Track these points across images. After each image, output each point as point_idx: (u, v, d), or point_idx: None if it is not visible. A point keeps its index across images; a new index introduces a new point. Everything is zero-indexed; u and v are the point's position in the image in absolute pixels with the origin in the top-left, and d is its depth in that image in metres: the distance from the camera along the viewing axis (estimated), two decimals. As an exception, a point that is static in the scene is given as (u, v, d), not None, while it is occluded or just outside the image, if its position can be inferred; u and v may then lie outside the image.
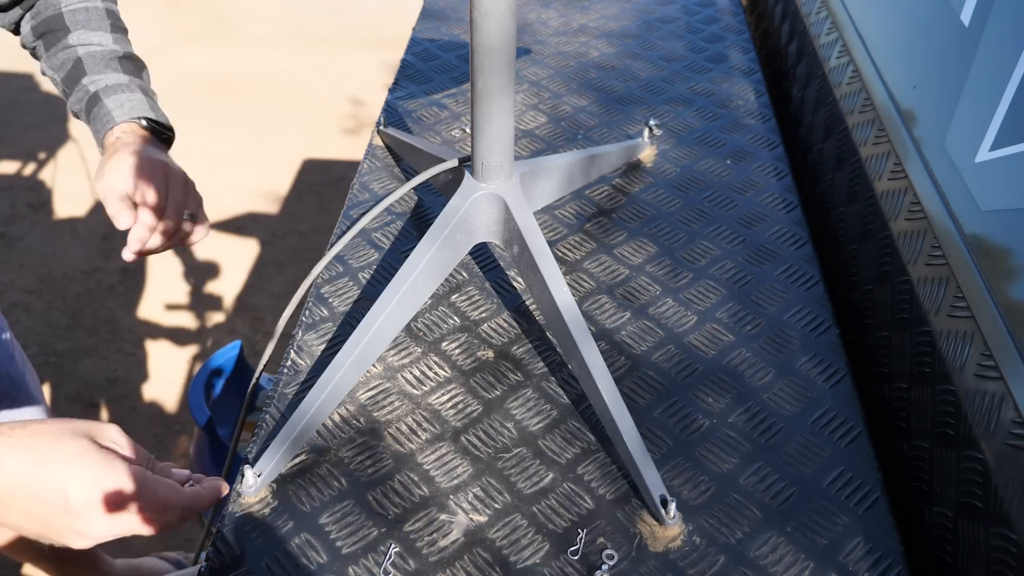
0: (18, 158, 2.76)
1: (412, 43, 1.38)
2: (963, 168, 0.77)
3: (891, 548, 0.68)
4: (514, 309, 0.90)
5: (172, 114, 0.95)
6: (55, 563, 1.31)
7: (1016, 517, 0.61)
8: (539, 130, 1.18)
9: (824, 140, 1.13)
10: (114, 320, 2.18)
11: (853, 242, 0.99)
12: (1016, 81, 0.69)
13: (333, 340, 0.85)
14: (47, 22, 0.93)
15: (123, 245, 0.83)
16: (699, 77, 1.30)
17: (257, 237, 2.47)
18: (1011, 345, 0.65)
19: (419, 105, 1.23)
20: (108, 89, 0.89)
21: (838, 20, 1.16)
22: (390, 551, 0.67)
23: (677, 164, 1.11)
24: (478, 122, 0.76)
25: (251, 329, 2.17)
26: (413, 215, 1.02)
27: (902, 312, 0.84)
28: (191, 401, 1.46)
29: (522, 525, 0.69)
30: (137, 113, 0.88)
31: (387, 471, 0.73)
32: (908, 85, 0.92)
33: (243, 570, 0.66)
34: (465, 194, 0.81)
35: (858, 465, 0.74)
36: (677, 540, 0.68)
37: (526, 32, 1.42)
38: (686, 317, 0.89)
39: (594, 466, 0.74)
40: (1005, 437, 0.64)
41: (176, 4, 3.68)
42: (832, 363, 0.84)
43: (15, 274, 2.31)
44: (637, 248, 0.98)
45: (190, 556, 1.54)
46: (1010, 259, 0.68)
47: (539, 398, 0.80)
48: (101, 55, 0.91)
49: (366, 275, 0.93)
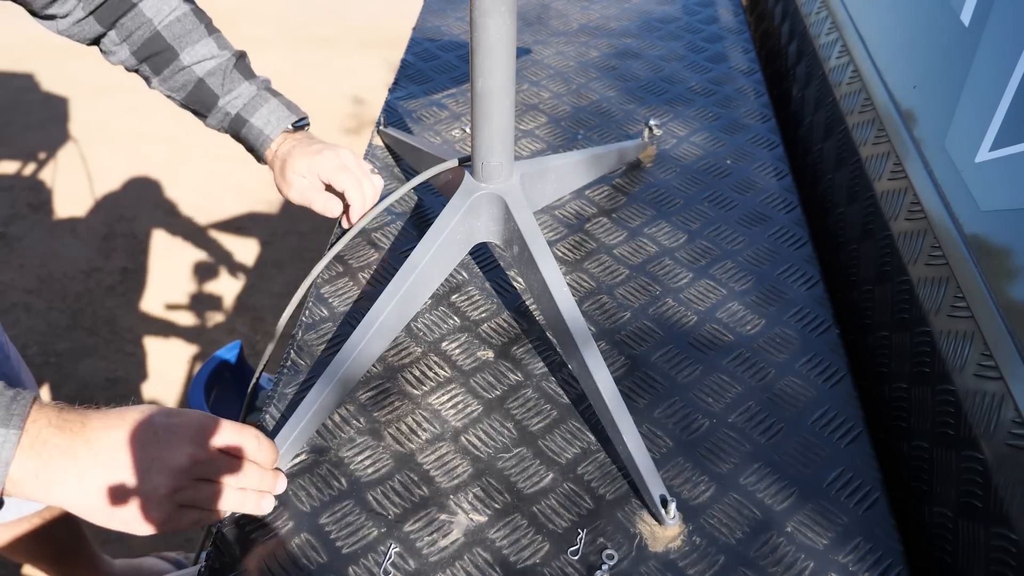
0: (18, 158, 2.76)
1: (412, 43, 1.38)
2: (963, 168, 0.77)
3: (891, 548, 0.68)
4: (514, 309, 0.90)
5: (172, 114, 0.95)
6: (55, 563, 1.31)
7: (1016, 517, 0.61)
8: (539, 130, 1.18)
9: (824, 140, 1.13)
10: (114, 320, 2.18)
11: (853, 242, 0.99)
12: (1016, 81, 0.69)
13: (333, 340, 0.85)
14: (147, 45, 0.93)
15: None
16: (699, 77, 1.30)
17: (257, 237, 2.47)
18: (1011, 345, 0.65)
19: (419, 105, 1.23)
20: (247, 108, 0.95)
21: (838, 20, 1.16)
22: (390, 551, 0.67)
23: (677, 164, 1.11)
24: (478, 122, 0.76)
25: (251, 329, 2.17)
26: (413, 215, 1.02)
27: (902, 312, 0.84)
28: (191, 401, 1.46)
29: (522, 525, 0.69)
30: (283, 124, 0.96)
31: (387, 471, 0.73)
32: (908, 85, 0.92)
33: (243, 570, 0.66)
34: (465, 194, 0.81)
35: (858, 465, 0.74)
36: (677, 540, 0.68)
37: (526, 32, 1.42)
38: (686, 317, 0.89)
39: (594, 466, 0.74)
40: (1005, 437, 0.64)
41: (176, 4, 3.67)
42: (832, 363, 0.84)
43: (15, 274, 2.31)
44: (637, 248, 0.98)
45: (190, 556, 1.54)
46: (1010, 259, 0.68)
47: (539, 398, 0.80)
48: (220, 70, 0.95)
49: (366, 275, 0.93)
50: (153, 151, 2.74)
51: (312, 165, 0.93)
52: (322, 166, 0.92)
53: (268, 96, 0.97)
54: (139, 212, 2.54)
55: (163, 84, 0.96)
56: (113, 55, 0.95)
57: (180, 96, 0.96)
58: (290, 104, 0.98)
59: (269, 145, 0.96)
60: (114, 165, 2.72)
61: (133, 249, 2.40)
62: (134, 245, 2.42)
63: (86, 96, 3.04)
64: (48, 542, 1.24)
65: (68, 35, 0.93)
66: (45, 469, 0.58)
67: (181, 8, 0.94)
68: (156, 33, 0.93)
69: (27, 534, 1.19)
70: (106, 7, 0.91)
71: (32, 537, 1.19)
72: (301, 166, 0.93)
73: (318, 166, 0.92)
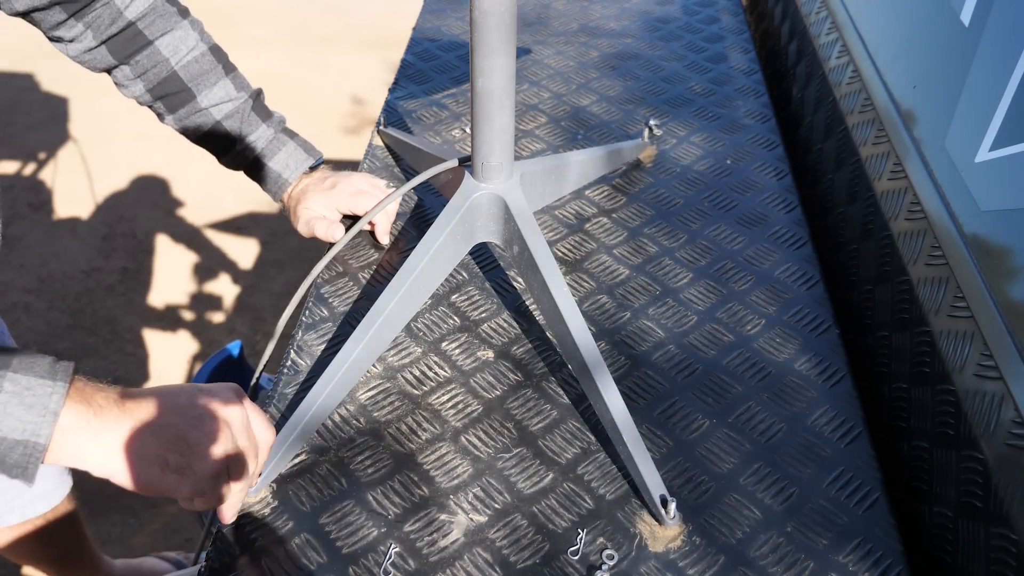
0: (18, 158, 2.76)
1: (412, 43, 1.38)
2: (963, 168, 0.77)
3: (891, 548, 0.68)
4: (514, 309, 0.90)
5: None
6: (55, 564, 1.31)
7: (1016, 517, 0.61)
8: (539, 130, 1.18)
9: (824, 140, 1.13)
10: (114, 320, 2.18)
11: (853, 242, 0.99)
12: (1016, 81, 0.69)
13: (333, 340, 0.85)
14: (163, 84, 0.92)
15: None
16: (699, 77, 1.30)
17: (257, 237, 2.47)
18: (1011, 345, 0.65)
19: (419, 105, 1.23)
20: (266, 152, 0.97)
21: (838, 20, 1.16)
22: (390, 551, 0.67)
23: (677, 164, 1.11)
24: (478, 122, 0.76)
25: (251, 329, 2.17)
26: (413, 215, 1.02)
27: (902, 312, 0.84)
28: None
29: (522, 525, 0.69)
30: (301, 168, 0.98)
31: (387, 471, 0.73)
32: (908, 85, 0.92)
33: (243, 570, 0.66)
34: (465, 194, 0.81)
35: (858, 465, 0.74)
36: (677, 540, 0.68)
37: (526, 32, 1.42)
38: (686, 317, 0.89)
39: (594, 466, 0.74)
40: (1005, 437, 0.64)
41: (176, 4, 3.67)
42: (832, 363, 0.84)
43: (15, 274, 2.31)
44: (637, 248, 0.98)
45: (190, 556, 1.54)
46: (1010, 259, 0.68)
47: (539, 398, 0.80)
48: (237, 113, 0.95)
49: (366, 275, 0.93)
50: (153, 151, 2.74)
51: (328, 201, 0.96)
52: (338, 199, 0.95)
53: (286, 139, 0.98)
54: (139, 212, 2.54)
55: (178, 123, 0.95)
56: (126, 88, 0.94)
57: (195, 136, 0.95)
58: (306, 145, 0.99)
59: (287, 188, 0.98)
60: (114, 165, 2.72)
61: (133, 249, 2.40)
62: (134, 245, 2.42)
63: (86, 96, 3.04)
64: (49, 543, 1.24)
65: (80, 62, 0.91)
66: (96, 416, 0.59)
67: (199, 48, 0.92)
68: (173, 73, 0.91)
69: (28, 535, 1.19)
70: (120, 39, 0.89)
71: (33, 538, 1.20)
72: (317, 204, 0.96)
73: (334, 201, 0.95)
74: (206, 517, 1.21)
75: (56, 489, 1.18)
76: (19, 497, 1.14)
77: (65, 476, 1.20)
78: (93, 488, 1.75)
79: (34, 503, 1.16)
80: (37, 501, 1.16)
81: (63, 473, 1.20)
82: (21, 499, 1.14)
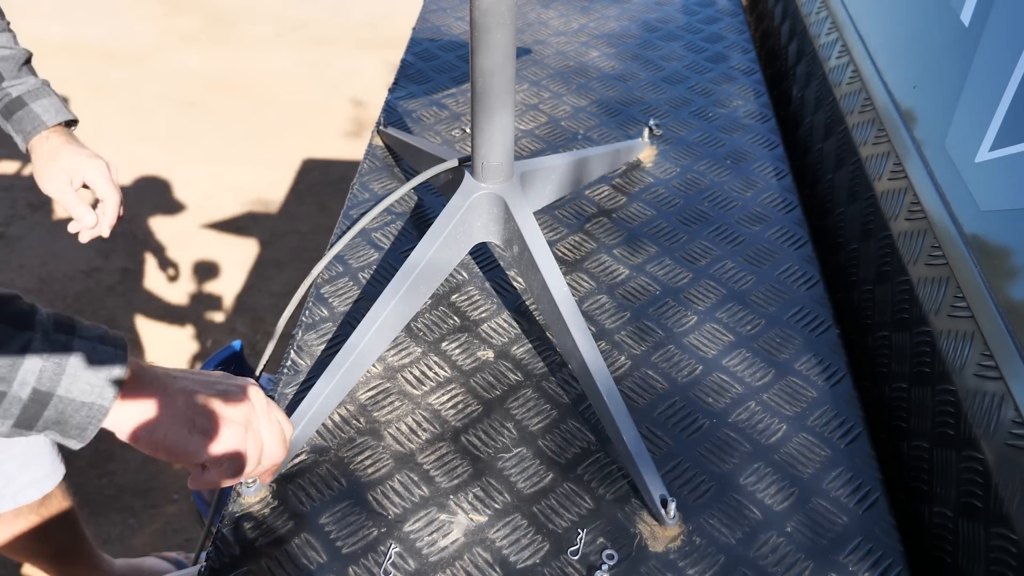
0: (18, 158, 2.75)
1: (412, 43, 1.38)
2: (963, 168, 0.77)
3: (891, 548, 0.68)
4: (514, 309, 0.90)
5: (172, 114, 0.96)
6: (54, 562, 1.31)
7: (1016, 517, 0.61)
8: (539, 130, 1.18)
9: (824, 140, 1.13)
10: (114, 320, 2.18)
11: (853, 242, 0.99)
12: (1016, 81, 0.69)
13: (333, 340, 0.85)
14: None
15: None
16: (699, 77, 1.30)
17: (257, 237, 2.47)
18: (1011, 345, 0.65)
19: (419, 105, 1.23)
20: (30, 95, 1.03)
21: (838, 20, 1.16)
22: (390, 551, 0.67)
23: (677, 164, 1.11)
24: (478, 122, 0.76)
25: (251, 329, 2.17)
26: (413, 215, 1.02)
27: (902, 312, 0.84)
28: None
29: (522, 525, 0.69)
30: (63, 117, 1.05)
31: (387, 471, 0.73)
32: (908, 85, 0.92)
33: (243, 570, 0.66)
34: (465, 194, 0.81)
35: (858, 465, 0.74)
36: (677, 540, 0.68)
37: (526, 32, 1.42)
38: (686, 317, 0.89)
39: (594, 466, 0.74)
40: (1005, 437, 0.64)
41: (176, 4, 3.68)
42: (832, 363, 0.84)
43: (15, 274, 2.31)
44: (637, 248, 0.98)
45: (190, 556, 1.54)
46: (1010, 259, 0.68)
47: (539, 398, 0.80)
48: (12, 59, 1.02)
49: (366, 275, 0.93)
50: (152, 151, 2.74)
51: (80, 166, 1.02)
52: (89, 171, 1.03)
53: (51, 92, 1.05)
54: (139, 212, 2.54)
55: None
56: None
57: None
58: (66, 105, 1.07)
59: (41, 131, 1.03)
60: (114, 165, 2.72)
61: (133, 249, 2.40)
62: (134, 245, 2.42)
63: (86, 96, 3.04)
64: (47, 541, 1.24)
65: None
66: (137, 380, 0.60)
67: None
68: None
69: (26, 532, 1.19)
70: None
71: (31, 535, 1.19)
72: (69, 164, 1.02)
73: (85, 169, 1.02)
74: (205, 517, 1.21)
75: (48, 477, 1.18)
76: (9, 484, 1.13)
77: (57, 464, 1.20)
78: (93, 488, 1.75)
79: (25, 490, 1.15)
80: (28, 488, 1.16)
81: (55, 461, 1.19)
82: (12, 486, 1.14)
